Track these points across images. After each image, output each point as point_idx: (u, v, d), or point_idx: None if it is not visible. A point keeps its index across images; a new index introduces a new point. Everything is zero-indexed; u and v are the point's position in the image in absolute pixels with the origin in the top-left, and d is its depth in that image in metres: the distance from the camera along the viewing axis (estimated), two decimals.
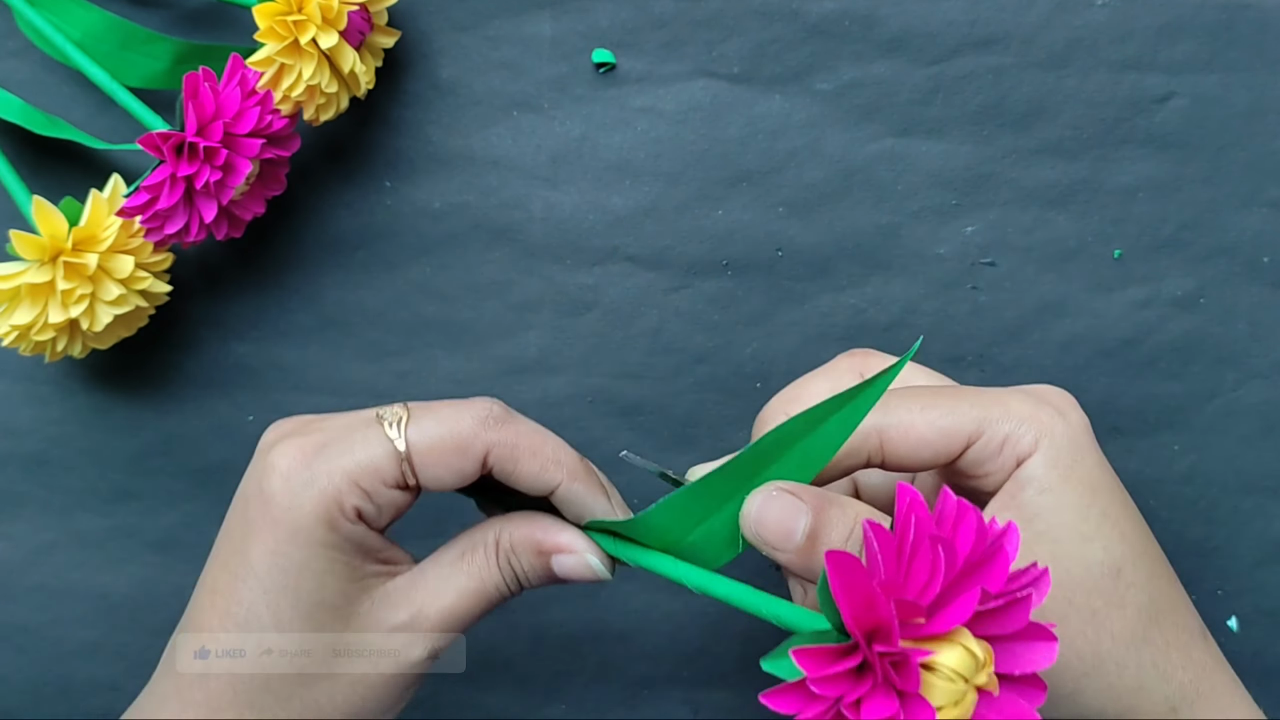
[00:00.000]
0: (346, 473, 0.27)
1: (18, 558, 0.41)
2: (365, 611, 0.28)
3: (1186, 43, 0.40)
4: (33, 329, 0.35)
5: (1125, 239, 0.40)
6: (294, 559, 0.27)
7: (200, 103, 0.34)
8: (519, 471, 0.28)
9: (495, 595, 0.29)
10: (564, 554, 0.29)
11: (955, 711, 0.21)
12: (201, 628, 0.28)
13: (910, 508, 0.21)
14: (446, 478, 0.28)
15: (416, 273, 0.41)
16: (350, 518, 0.27)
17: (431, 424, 0.28)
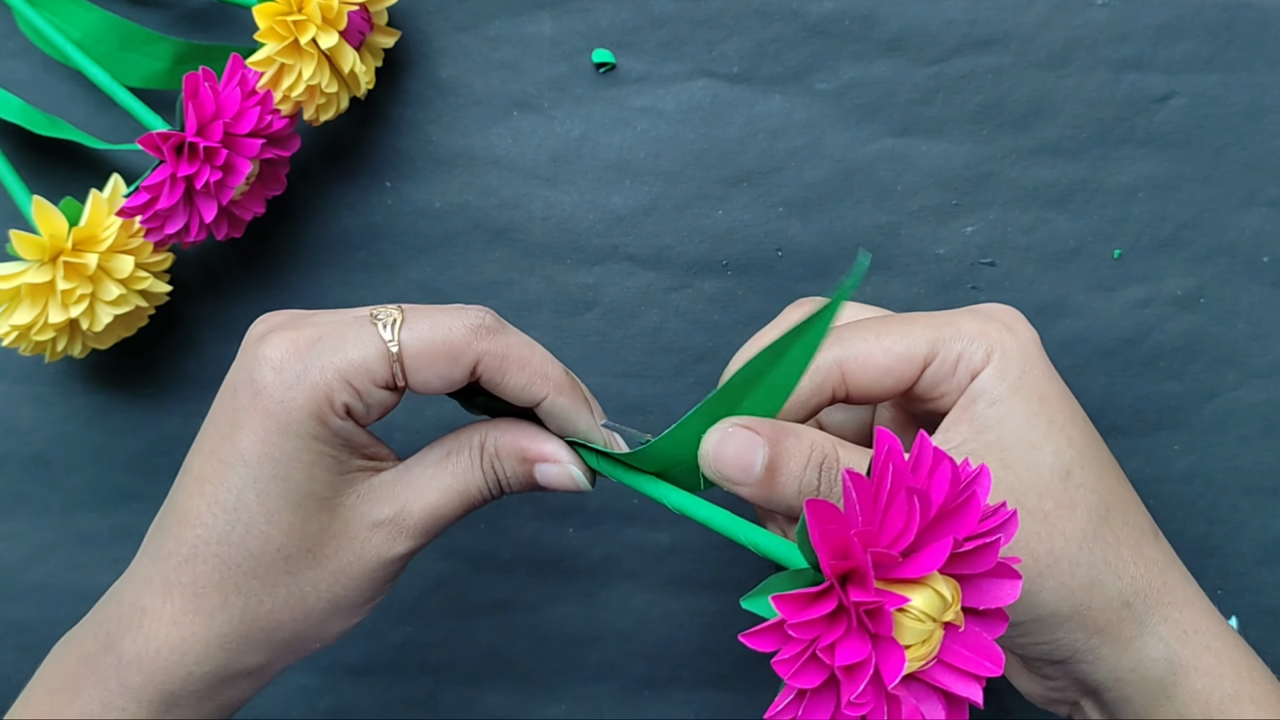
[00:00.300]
0: (339, 369, 0.28)
1: (18, 558, 0.41)
2: (350, 505, 0.29)
3: (1186, 42, 0.40)
4: (33, 329, 0.35)
5: (1125, 239, 0.40)
6: (284, 450, 0.27)
7: (200, 103, 0.34)
8: (506, 382, 0.29)
9: (477, 497, 0.30)
10: (548, 463, 0.30)
11: (923, 649, 0.22)
12: (189, 513, 0.28)
13: (888, 456, 0.22)
14: (434, 382, 0.28)
15: (417, 272, 0.41)
16: (340, 414, 0.28)
17: (424, 328, 0.28)
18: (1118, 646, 0.28)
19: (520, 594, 0.41)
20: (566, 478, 0.30)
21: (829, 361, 0.30)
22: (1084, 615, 0.28)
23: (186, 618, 0.28)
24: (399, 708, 0.41)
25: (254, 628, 0.28)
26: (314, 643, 0.30)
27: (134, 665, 0.28)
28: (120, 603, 0.29)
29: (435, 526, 0.30)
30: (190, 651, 0.28)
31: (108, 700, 0.28)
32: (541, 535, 0.41)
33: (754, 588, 0.25)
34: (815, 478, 0.27)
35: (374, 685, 0.41)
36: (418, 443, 0.31)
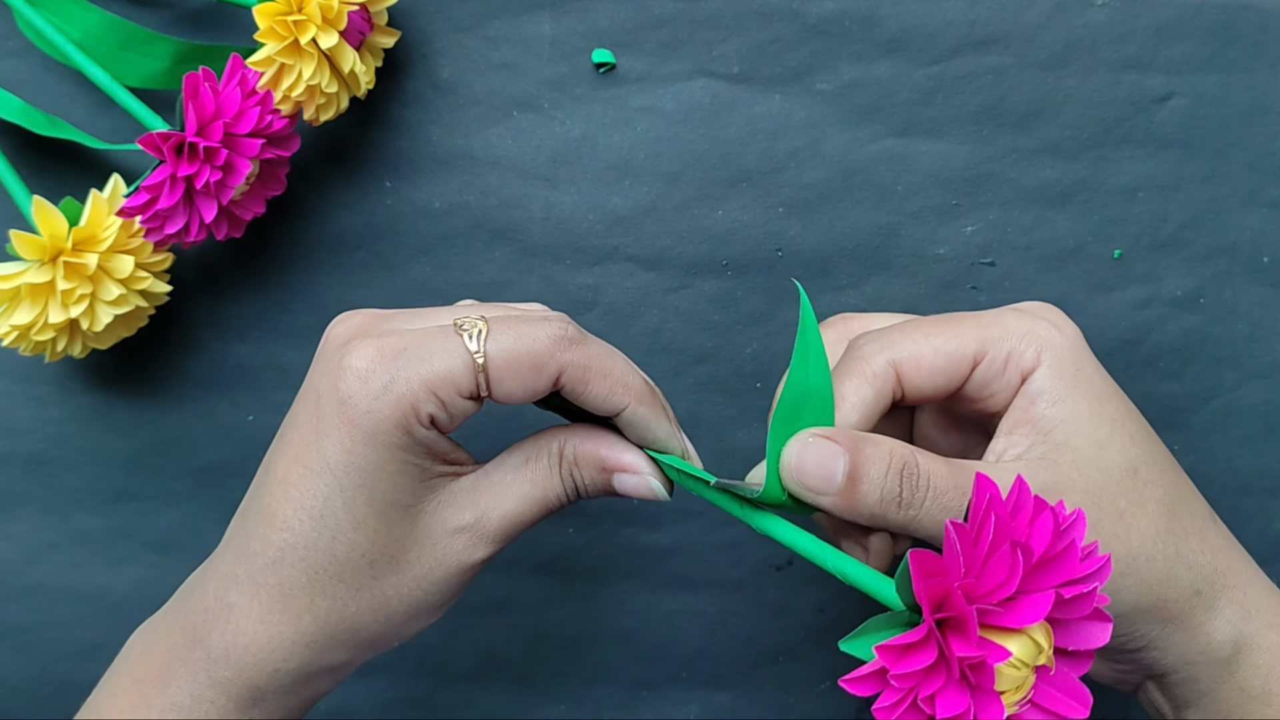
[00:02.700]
0: (425, 381, 0.28)
1: (17, 558, 0.41)
2: (432, 510, 0.29)
3: (1186, 43, 0.40)
4: (33, 329, 0.35)
5: (1125, 239, 0.40)
6: (370, 459, 0.28)
7: (200, 103, 0.34)
8: (589, 393, 0.29)
9: (554, 503, 0.30)
10: (627, 473, 0.30)
11: (1017, 695, 0.22)
12: (275, 516, 0.28)
13: (989, 505, 0.22)
14: (518, 393, 0.28)
15: (417, 272, 0.41)
16: (424, 424, 0.28)
17: (510, 339, 0.28)
18: (1188, 633, 0.29)
19: (519, 594, 0.41)
20: (645, 488, 0.30)
21: (884, 365, 0.30)
22: (1159, 608, 0.29)
23: (274, 617, 0.28)
24: (398, 708, 0.41)
25: (338, 629, 0.29)
26: (392, 641, 0.30)
27: (223, 660, 0.28)
28: (205, 597, 0.29)
29: (513, 532, 0.30)
30: (278, 650, 0.28)
31: (197, 693, 0.28)
32: (540, 535, 0.41)
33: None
34: (897, 485, 0.27)
35: (373, 685, 0.41)
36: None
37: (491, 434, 0.40)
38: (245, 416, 0.41)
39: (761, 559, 0.41)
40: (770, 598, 0.41)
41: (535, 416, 0.40)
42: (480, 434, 0.40)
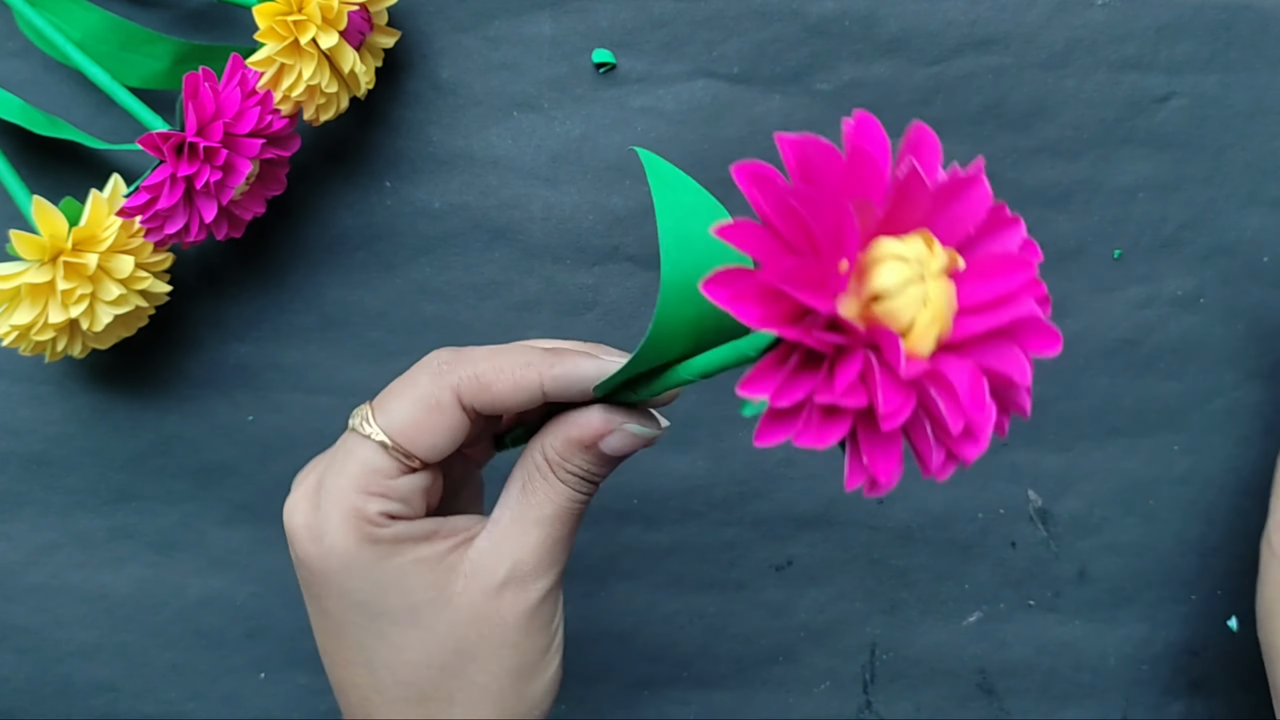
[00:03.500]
0: (350, 490, 0.27)
1: (18, 558, 0.41)
2: (464, 588, 0.28)
3: (1186, 43, 0.40)
4: (33, 329, 0.35)
5: (1125, 239, 0.40)
6: (364, 592, 0.27)
7: (200, 103, 0.34)
8: (495, 395, 0.28)
9: (573, 508, 0.29)
10: (606, 436, 0.29)
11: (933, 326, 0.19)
12: (343, 688, 0.29)
13: None
14: (440, 442, 0.28)
15: (416, 273, 0.41)
16: (382, 524, 0.27)
17: (394, 402, 0.28)
18: None
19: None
20: (630, 438, 0.29)
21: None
22: None
23: None
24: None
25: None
26: (535, 711, 0.29)
27: None
28: None
29: (556, 555, 0.29)
30: None
31: None
32: None
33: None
34: None
35: None
36: None
37: None
38: (245, 416, 0.41)
39: (761, 559, 0.41)
40: (770, 598, 0.41)
41: None
42: None
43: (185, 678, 0.41)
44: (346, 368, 0.41)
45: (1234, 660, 0.37)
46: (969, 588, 0.41)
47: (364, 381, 0.41)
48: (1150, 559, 0.40)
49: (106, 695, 0.41)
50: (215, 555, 0.41)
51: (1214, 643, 0.40)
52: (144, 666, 0.41)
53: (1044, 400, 0.40)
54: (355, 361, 0.41)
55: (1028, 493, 0.40)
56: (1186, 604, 0.40)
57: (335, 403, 0.41)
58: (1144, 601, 0.40)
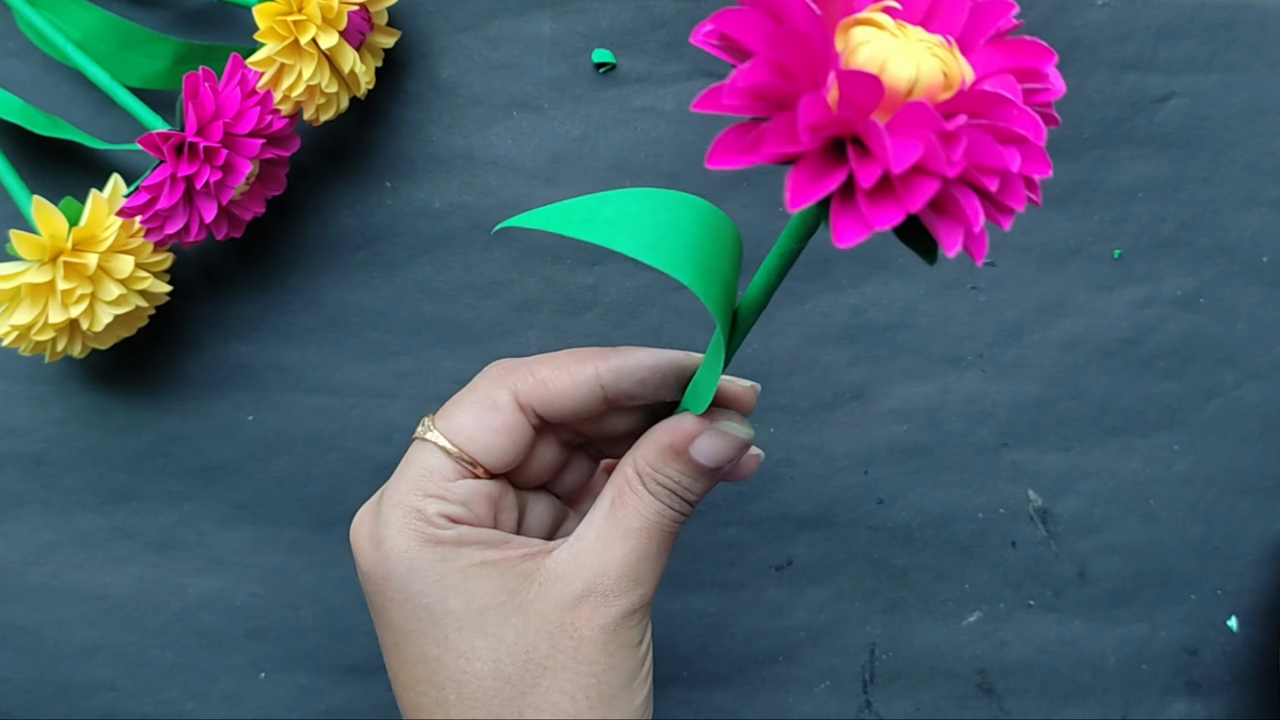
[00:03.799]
0: (408, 492, 0.27)
1: (18, 558, 0.41)
2: (535, 596, 0.26)
3: (1186, 43, 0.40)
4: (33, 329, 0.35)
5: (1125, 239, 0.40)
6: (427, 595, 0.26)
7: (200, 103, 0.34)
8: (552, 391, 0.27)
9: (667, 525, 0.27)
10: (697, 439, 0.27)
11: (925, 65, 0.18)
12: (409, 708, 0.28)
13: None
14: (498, 442, 0.27)
15: (416, 272, 0.41)
16: (442, 525, 0.27)
17: (453, 408, 0.28)
18: None
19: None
20: (724, 441, 0.27)
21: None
22: None
23: None
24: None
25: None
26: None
27: None
28: None
29: (642, 574, 0.27)
30: None
31: None
32: None
33: None
34: None
35: (374, 686, 0.41)
36: None
37: None
38: (245, 416, 0.41)
39: (761, 559, 0.41)
40: (770, 598, 0.41)
41: None
42: None
43: (185, 678, 0.41)
44: (346, 367, 0.41)
45: (1234, 660, 0.37)
46: (969, 588, 0.41)
47: (364, 381, 0.41)
48: (1150, 559, 0.40)
49: (106, 695, 0.41)
50: (215, 555, 0.41)
51: (1214, 643, 0.40)
52: (144, 666, 0.41)
53: (1044, 400, 0.40)
54: (355, 361, 0.41)
55: (1028, 493, 0.40)
56: (1186, 604, 0.40)
57: (335, 402, 0.41)
58: (1144, 601, 0.40)
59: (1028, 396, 0.40)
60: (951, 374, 0.40)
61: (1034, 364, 0.40)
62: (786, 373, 0.40)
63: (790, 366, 0.40)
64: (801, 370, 0.40)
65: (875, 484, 0.40)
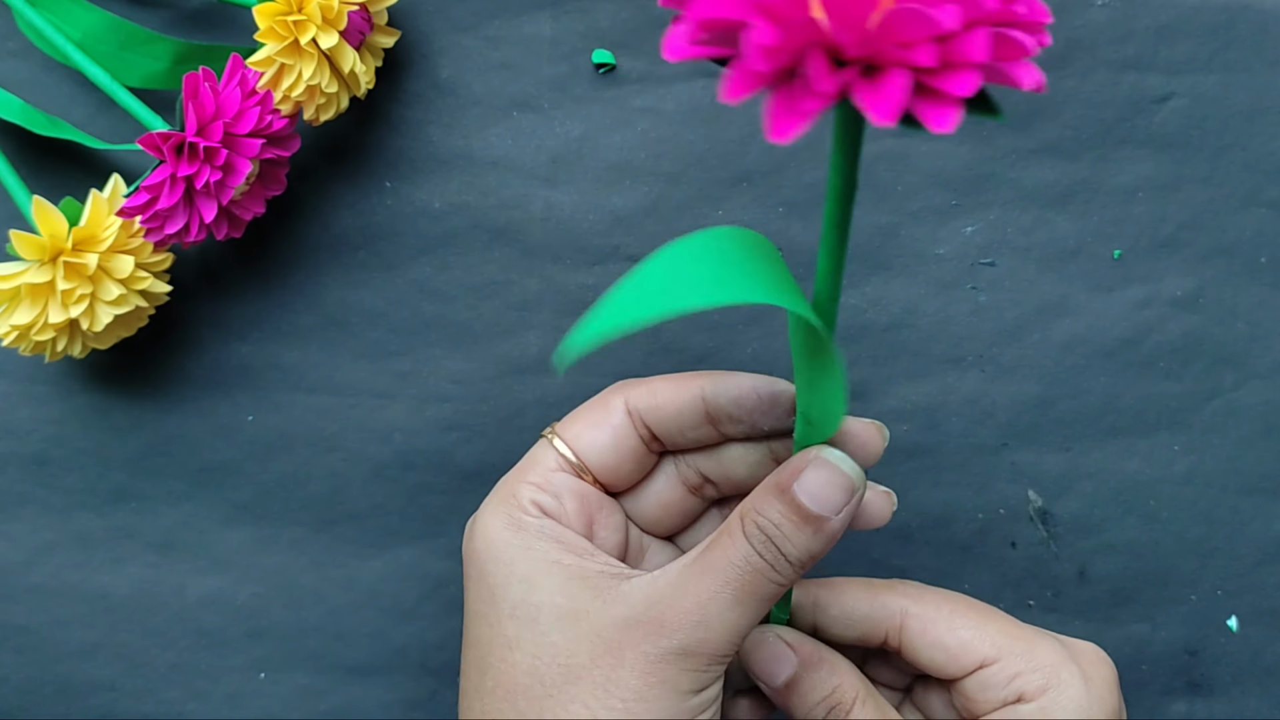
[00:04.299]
0: (513, 477, 0.29)
1: (17, 558, 0.41)
2: (596, 610, 0.25)
3: (1186, 43, 0.40)
4: (33, 329, 0.35)
5: (1125, 239, 0.40)
6: (496, 576, 0.27)
7: (200, 103, 0.34)
8: (660, 401, 0.28)
9: (753, 575, 0.25)
10: (803, 474, 0.25)
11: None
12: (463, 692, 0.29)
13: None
14: (602, 439, 0.28)
15: (416, 273, 0.41)
16: (529, 511, 0.28)
17: (575, 413, 0.30)
18: None
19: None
20: (830, 477, 0.25)
21: (895, 606, 0.29)
22: None
23: None
24: (400, 709, 0.41)
25: None
26: None
27: None
28: None
29: (711, 622, 0.25)
30: None
31: None
32: None
33: None
34: (823, 713, 0.28)
35: (375, 686, 0.41)
36: (417, 445, 0.31)
37: (491, 435, 0.40)
38: (245, 416, 0.41)
39: None
40: None
41: (537, 420, 0.40)
42: (480, 433, 0.40)
43: (185, 678, 0.41)
44: (347, 367, 0.41)
45: (1234, 660, 0.37)
46: (969, 588, 0.41)
47: (364, 381, 0.41)
48: (1150, 559, 0.40)
49: (106, 695, 0.41)
50: (216, 555, 0.41)
51: (1214, 643, 0.40)
52: (144, 666, 0.41)
53: (1044, 401, 0.40)
54: (356, 361, 0.41)
55: (1028, 493, 0.40)
56: (1186, 604, 0.40)
57: (336, 402, 0.41)
58: (1144, 601, 0.40)
59: (1028, 397, 0.40)
60: (951, 374, 0.40)
61: (1034, 364, 0.40)
62: (786, 373, 0.40)
63: (790, 366, 0.40)
64: None
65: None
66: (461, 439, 0.40)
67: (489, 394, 0.40)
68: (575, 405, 0.40)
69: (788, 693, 0.28)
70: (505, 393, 0.40)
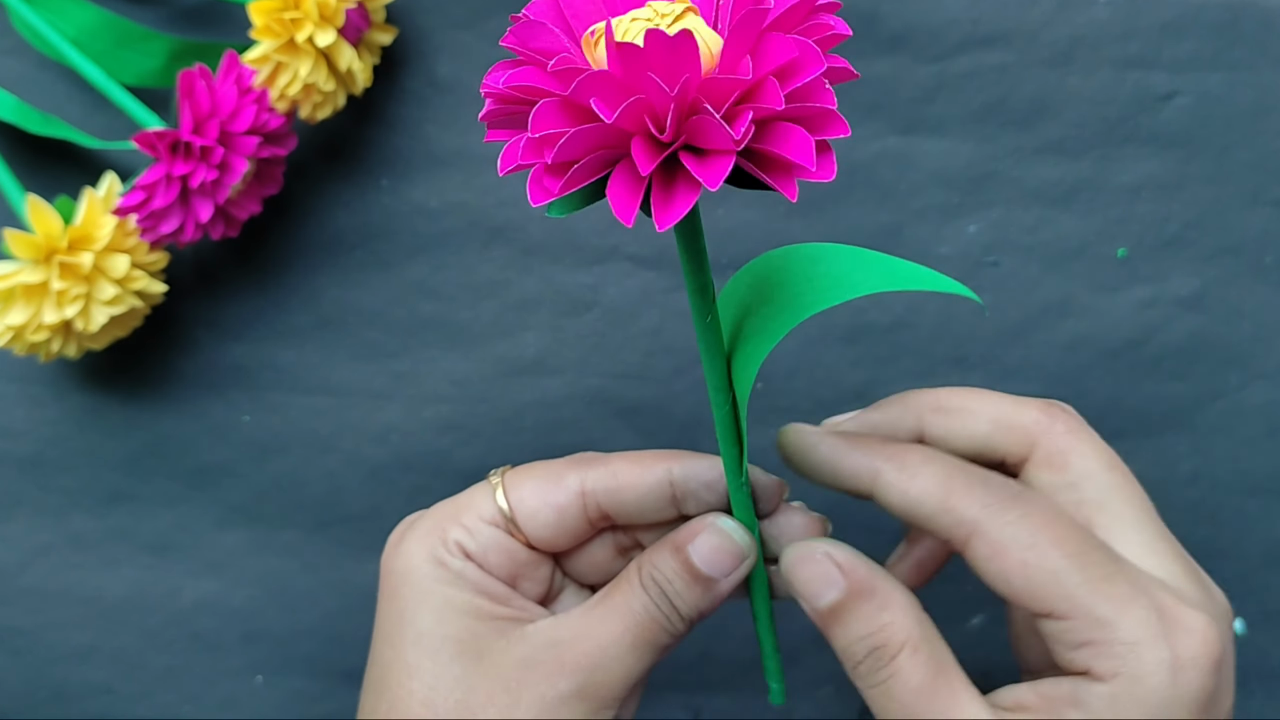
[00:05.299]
0: (445, 512, 0.28)
1: (12, 560, 0.41)
2: (499, 649, 0.26)
3: (1190, 41, 0.39)
4: (27, 329, 0.35)
5: (1129, 238, 0.40)
6: (409, 600, 0.27)
7: (196, 100, 0.33)
8: (623, 484, 0.27)
9: (648, 626, 0.26)
10: (696, 538, 0.26)
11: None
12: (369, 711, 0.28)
13: None
14: (546, 516, 0.27)
15: (414, 272, 0.40)
16: (454, 552, 0.27)
17: (528, 470, 0.28)
18: None
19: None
20: (719, 542, 0.26)
21: (966, 517, 0.26)
22: None
23: None
24: None
25: None
26: None
27: None
28: None
29: (604, 664, 0.26)
30: None
31: None
32: None
33: None
34: (863, 653, 0.26)
35: None
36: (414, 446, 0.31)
37: (488, 435, 0.40)
38: (241, 417, 0.41)
39: None
40: None
41: (535, 421, 0.40)
42: (477, 434, 0.40)
43: (181, 681, 0.41)
44: (343, 368, 0.40)
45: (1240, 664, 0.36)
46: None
47: (361, 382, 0.40)
48: None
49: (102, 698, 0.41)
50: (211, 557, 0.41)
51: None
52: (139, 669, 0.41)
53: None
54: (352, 361, 0.40)
55: None
56: None
57: (332, 403, 0.40)
58: None
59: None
60: (955, 375, 0.40)
61: (1038, 365, 0.40)
62: (788, 374, 0.40)
63: (792, 367, 0.40)
64: (803, 371, 0.40)
65: None
66: (459, 440, 0.40)
67: (487, 395, 0.40)
68: (573, 407, 0.40)
69: (830, 618, 0.26)
70: (503, 394, 0.40)
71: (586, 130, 0.18)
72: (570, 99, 0.18)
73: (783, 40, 0.18)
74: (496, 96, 0.19)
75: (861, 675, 0.26)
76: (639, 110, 0.18)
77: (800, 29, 0.19)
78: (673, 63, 0.17)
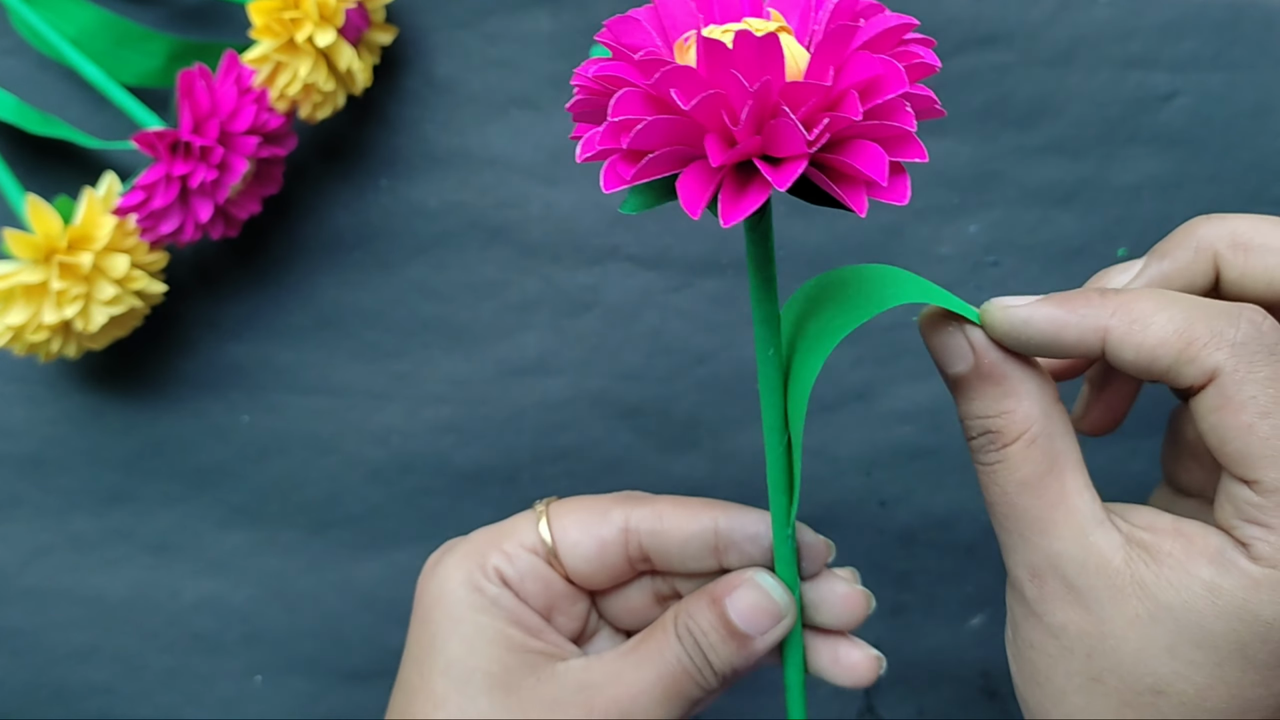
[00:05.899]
0: (486, 537, 0.28)
1: (12, 560, 0.41)
2: (530, 687, 0.26)
3: (1191, 41, 0.39)
4: (27, 329, 0.35)
5: (1130, 238, 0.40)
6: (440, 626, 0.26)
7: (196, 100, 0.33)
8: (667, 526, 0.27)
9: (680, 676, 0.26)
10: (735, 591, 0.26)
11: None
12: None
13: None
14: (587, 549, 0.27)
15: (413, 272, 0.40)
16: (491, 579, 0.27)
17: (575, 502, 0.28)
18: None
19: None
20: (756, 599, 0.25)
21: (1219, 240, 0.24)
22: None
23: None
24: None
25: None
26: None
27: None
28: None
29: (633, 710, 0.26)
30: None
31: None
32: None
33: None
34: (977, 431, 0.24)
35: (372, 690, 0.41)
36: (414, 447, 0.30)
37: (489, 436, 0.40)
38: (240, 417, 0.41)
39: None
40: None
41: (535, 422, 0.40)
42: (477, 435, 0.40)
43: (181, 681, 0.41)
44: (343, 368, 0.40)
45: None
46: (972, 590, 0.40)
47: (360, 382, 0.40)
48: None
49: (102, 699, 0.41)
50: (211, 558, 0.41)
51: None
52: (140, 670, 0.41)
53: None
54: (351, 362, 0.40)
55: None
56: None
57: (331, 403, 0.40)
58: None
59: None
60: None
61: None
62: None
63: None
64: None
65: (878, 486, 0.40)
66: (459, 441, 0.40)
67: (487, 395, 0.40)
68: (575, 409, 0.40)
69: (954, 387, 0.25)
70: (503, 394, 0.40)
71: (664, 120, 0.18)
72: (652, 90, 0.18)
73: (868, 58, 0.18)
74: (585, 88, 0.19)
75: (973, 450, 0.25)
76: (716, 104, 0.18)
77: (889, 53, 0.19)
78: (757, 63, 0.18)
